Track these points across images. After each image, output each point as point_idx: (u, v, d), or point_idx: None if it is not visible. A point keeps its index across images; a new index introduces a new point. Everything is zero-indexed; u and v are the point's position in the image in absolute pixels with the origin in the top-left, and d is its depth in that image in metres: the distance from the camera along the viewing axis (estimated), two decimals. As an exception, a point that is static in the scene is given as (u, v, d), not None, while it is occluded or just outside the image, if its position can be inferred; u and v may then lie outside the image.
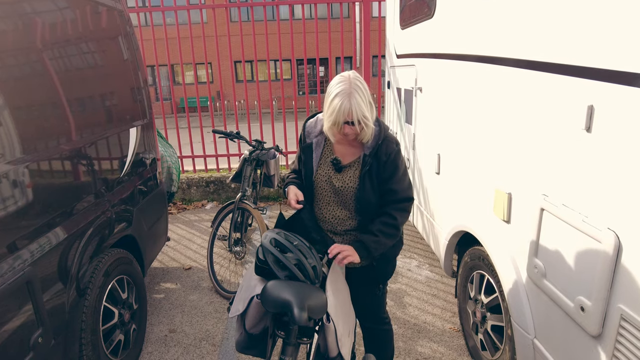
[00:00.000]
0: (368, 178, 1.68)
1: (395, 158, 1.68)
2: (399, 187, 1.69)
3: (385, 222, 1.69)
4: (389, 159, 1.66)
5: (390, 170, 1.67)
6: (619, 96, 1.21)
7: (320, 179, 1.77)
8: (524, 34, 1.69)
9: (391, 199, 1.70)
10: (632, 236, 1.20)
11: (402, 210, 1.71)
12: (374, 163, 1.67)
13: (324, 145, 1.79)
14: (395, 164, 1.67)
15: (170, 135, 5.10)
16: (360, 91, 1.57)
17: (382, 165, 1.67)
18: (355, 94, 1.55)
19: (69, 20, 2.14)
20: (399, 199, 1.70)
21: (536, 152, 1.66)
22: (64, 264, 1.87)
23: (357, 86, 1.57)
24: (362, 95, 1.57)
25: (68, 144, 2.01)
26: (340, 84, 1.58)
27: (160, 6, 5.03)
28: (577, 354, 1.46)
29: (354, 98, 1.54)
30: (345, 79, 1.59)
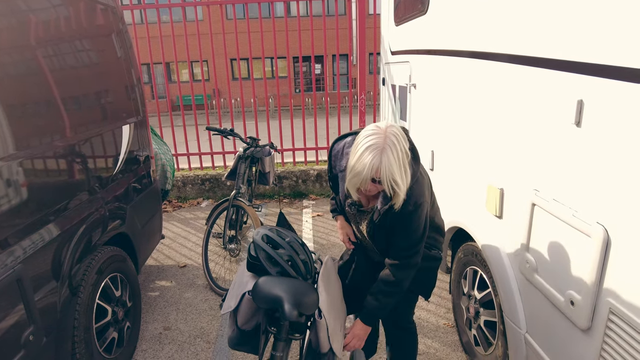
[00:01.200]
0: (378, 231, 1.63)
1: (408, 219, 1.52)
2: (404, 243, 1.58)
3: (385, 280, 1.62)
4: (400, 219, 1.53)
5: (401, 227, 1.55)
6: (608, 90, 1.22)
7: (347, 210, 1.76)
8: (514, 29, 1.69)
9: (394, 253, 1.61)
10: (620, 230, 1.20)
11: (403, 266, 1.60)
12: (383, 219, 1.57)
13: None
14: (405, 224, 1.53)
15: (166, 133, 5.08)
16: (394, 149, 1.35)
17: (391, 223, 1.56)
18: (388, 152, 1.34)
19: (62, 17, 2.13)
20: (402, 255, 1.60)
21: (527, 147, 1.66)
22: (56, 261, 1.86)
23: (392, 142, 1.35)
24: (396, 154, 1.35)
25: (60, 140, 2.00)
26: (373, 137, 1.36)
27: (155, 3, 5.01)
28: (567, 347, 1.47)
29: (386, 156, 1.33)
30: (379, 132, 1.37)
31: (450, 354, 2.44)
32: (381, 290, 1.63)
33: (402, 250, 1.59)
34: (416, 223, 1.54)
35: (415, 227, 1.54)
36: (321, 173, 5.35)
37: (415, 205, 1.50)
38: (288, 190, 5.39)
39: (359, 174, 1.37)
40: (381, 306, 1.64)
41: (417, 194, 1.51)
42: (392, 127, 1.39)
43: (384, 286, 1.63)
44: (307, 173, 5.35)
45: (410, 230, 1.54)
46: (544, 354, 1.62)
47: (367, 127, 1.42)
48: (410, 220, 1.52)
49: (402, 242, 1.58)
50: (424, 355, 2.44)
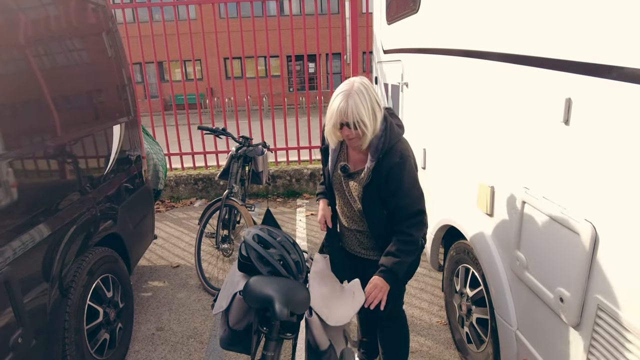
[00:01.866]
0: (369, 191, 1.67)
1: (398, 173, 1.60)
2: (406, 202, 1.63)
3: (403, 240, 1.66)
4: (390, 174, 1.60)
5: (394, 186, 1.61)
6: (595, 89, 1.23)
7: (335, 181, 1.82)
8: (503, 27, 1.70)
9: (400, 215, 1.66)
10: (607, 227, 1.21)
11: (415, 225, 1.66)
12: (374, 177, 1.63)
13: (339, 150, 1.81)
14: (398, 179, 1.60)
15: (158, 133, 5.05)
16: (361, 95, 1.52)
17: (383, 181, 1.62)
18: (354, 95, 1.51)
19: (51, 16, 2.11)
20: (409, 214, 1.65)
21: (518, 145, 1.67)
22: (46, 262, 1.85)
23: (359, 89, 1.53)
24: (363, 98, 1.52)
25: (51, 140, 1.98)
26: (344, 86, 1.56)
27: (147, 2, 4.97)
28: (557, 344, 1.48)
29: (352, 99, 1.51)
30: (349, 82, 1.56)
31: (443, 352, 2.45)
32: (400, 249, 1.66)
33: (407, 209, 1.64)
34: (409, 177, 1.62)
35: (410, 182, 1.63)
36: (315, 172, 5.34)
37: (402, 157, 1.61)
38: (282, 190, 5.38)
39: (330, 117, 1.58)
40: (402, 262, 1.66)
41: (402, 148, 1.64)
42: (362, 78, 1.59)
43: (402, 246, 1.66)
44: (300, 172, 5.34)
45: (406, 185, 1.61)
46: (535, 350, 1.63)
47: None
48: (402, 174, 1.60)
49: (404, 201, 1.63)
50: (417, 353, 2.45)
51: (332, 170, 1.83)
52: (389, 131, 1.63)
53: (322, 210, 1.96)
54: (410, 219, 1.65)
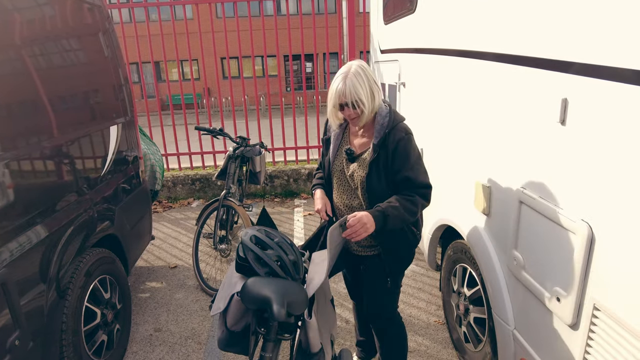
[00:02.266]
0: (375, 167, 1.68)
1: (405, 146, 1.65)
2: (412, 174, 1.66)
3: (405, 196, 1.66)
4: (397, 147, 1.65)
5: (401, 159, 1.65)
6: (591, 89, 1.23)
7: (336, 169, 1.84)
8: (500, 28, 1.70)
9: (407, 186, 1.67)
10: (603, 227, 1.22)
11: (421, 195, 1.67)
12: (382, 152, 1.67)
13: (342, 137, 1.86)
14: (405, 152, 1.65)
15: (155, 133, 5.04)
16: (358, 75, 1.61)
17: (390, 155, 1.66)
18: (352, 77, 1.60)
19: (47, 16, 2.10)
20: (416, 185, 1.67)
21: (514, 145, 1.67)
22: (43, 264, 1.84)
23: (356, 71, 1.61)
24: (361, 79, 1.60)
25: (47, 141, 1.97)
26: (342, 69, 1.65)
27: (143, 2, 4.96)
28: (553, 343, 1.49)
29: (349, 80, 1.60)
30: (347, 65, 1.65)
31: (440, 351, 2.46)
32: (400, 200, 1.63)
33: (415, 180, 1.66)
34: (415, 152, 1.68)
35: (416, 157, 1.68)
36: (312, 172, 5.34)
37: (407, 133, 1.68)
38: (279, 190, 5.38)
39: (330, 99, 1.68)
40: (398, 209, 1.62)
41: (405, 126, 1.72)
42: (359, 61, 1.68)
43: (403, 200, 1.64)
44: (298, 172, 5.34)
45: (413, 159, 1.66)
46: (532, 349, 1.63)
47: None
48: (409, 147, 1.66)
49: (411, 173, 1.65)
50: (415, 352, 2.45)
51: (333, 158, 1.85)
52: (392, 113, 1.72)
53: (320, 199, 1.89)
54: (418, 189, 1.67)
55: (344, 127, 1.87)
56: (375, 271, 1.85)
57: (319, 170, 2.02)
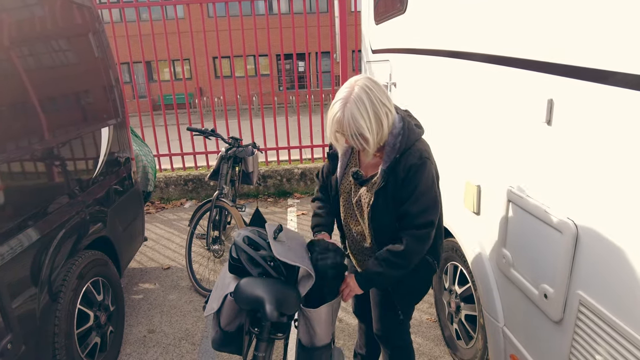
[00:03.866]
0: (382, 195, 1.48)
1: (415, 174, 1.43)
2: (414, 209, 1.45)
3: (393, 250, 1.48)
4: (408, 175, 1.43)
5: (409, 190, 1.44)
6: (576, 91, 1.26)
7: (344, 189, 1.64)
8: (487, 29, 1.73)
9: (405, 223, 1.48)
10: (588, 225, 1.25)
11: (415, 238, 1.47)
12: (391, 180, 1.46)
13: (350, 155, 1.64)
14: (414, 181, 1.43)
15: (147, 134, 5.02)
16: (360, 102, 1.34)
17: (400, 183, 1.45)
18: (352, 104, 1.34)
19: (36, 17, 2.09)
20: (415, 224, 1.47)
21: (502, 144, 1.70)
22: (35, 267, 1.84)
23: (358, 96, 1.35)
24: (362, 106, 1.34)
25: (38, 143, 1.97)
26: (343, 90, 1.39)
27: (134, 2, 4.93)
28: (541, 339, 1.52)
29: (348, 109, 1.34)
30: (350, 85, 1.39)
31: (433, 349, 2.49)
32: (386, 259, 1.49)
33: (414, 218, 1.46)
34: (425, 182, 1.44)
35: (424, 188, 1.44)
36: (305, 172, 5.36)
37: (421, 158, 1.43)
38: (272, 190, 5.39)
39: (328, 125, 1.42)
40: (382, 274, 1.50)
41: (422, 148, 1.47)
42: (362, 79, 1.40)
43: (390, 256, 1.48)
44: (291, 172, 5.35)
45: (419, 190, 1.43)
46: (520, 345, 1.67)
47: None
48: (419, 176, 1.43)
49: (413, 208, 1.44)
50: (407, 350, 2.48)
51: (340, 178, 1.64)
52: (407, 130, 1.47)
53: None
54: (415, 229, 1.47)
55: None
56: (384, 302, 1.71)
57: (321, 195, 1.78)
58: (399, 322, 1.72)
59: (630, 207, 1.09)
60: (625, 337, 1.13)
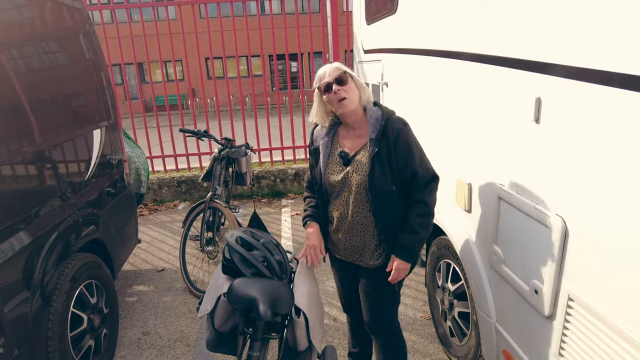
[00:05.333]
0: (378, 162, 1.59)
1: (406, 137, 1.61)
2: (421, 169, 1.62)
3: (420, 213, 1.63)
4: (399, 139, 1.59)
5: (405, 153, 1.59)
6: (563, 89, 1.28)
7: (331, 178, 1.70)
8: (476, 29, 1.74)
9: (417, 183, 1.62)
10: (576, 221, 1.27)
11: (431, 192, 1.65)
12: (383, 145, 1.59)
13: (331, 145, 1.74)
14: (408, 144, 1.60)
15: (140, 135, 4.99)
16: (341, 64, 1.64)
17: (392, 147, 1.59)
18: (333, 64, 1.64)
19: (26, 19, 2.08)
20: (426, 180, 1.63)
21: (492, 143, 1.72)
22: (27, 270, 1.83)
23: (337, 63, 1.65)
24: (342, 66, 1.64)
25: (29, 146, 1.96)
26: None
27: (125, 3, 4.91)
28: (532, 334, 1.54)
29: (328, 66, 1.63)
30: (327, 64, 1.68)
31: (427, 346, 2.51)
32: (419, 224, 1.63)
33: (424, 176, 1.63)
34: (415, 142, 1.64)
35: (418, 148, 1.65)
36: (299, 172, 5.36)
37: (404, 124, 1.64)
38: (266, 190, 5.39)
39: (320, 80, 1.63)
40: (420, 238, 1.64)
41: (400, 118, 1.68)
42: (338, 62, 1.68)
43: (421, 220, 1.63)
44: (285, 172, 5.35)
45: (416, 150, 1.63)
46: (512, 341, 1.69)
47: None
48: (410, 138, 1.63)
49: (419, 167, 1.62)
50: (401, 347, 2.49)
51: (324, 168, 1.72)
52: (383, 107, 1.69)
53: (315, 234, 1.75)
54: (428, 185, 1.64)
55: (332, 135, 1.73)
56: (378, 282, 1.75)
57: (309, 193, 1.87)
58: (390, 303, 1.82)
59: (618, 203, 1.11)
60: (614, 330, 1.15)
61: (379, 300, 1.80)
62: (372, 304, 1.81)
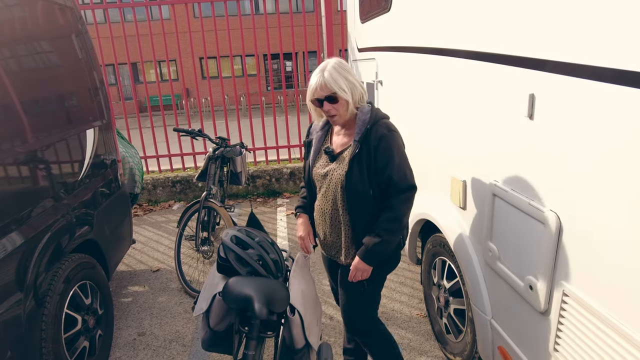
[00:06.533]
0: (357, 164, 1.61)
1: (388, 143, 1.60)
2: (396, 175, 1.61)
3: (388, 218, 1.62)
4: (380, 144, 1.59)
5: (384, 158, 1.59)
6: (556, 85, 1.28)
7: (316, 171, 1.76)
8: (470, 26, 1.75)
9: (391, 189, 1.63)
10: (570, 217, 1.27)
11: (403, 201, 1.64)
12: (364, 148, 1.61)
13: (324, 139, 1.80)
14: (388, 150, 1.59)
15: (134, 136, 4.96)
16: (336, 67, 1.59)
17: (372, 151, 1.59)
18: (330, 70, 1.58)
19: (17, 18, 2.05)
20: (401, 188, 1.62)
21: (486, 139, 1.73)
22: (20, 272, 1.81)
23: (334, 66, 1.60)
24: (339, 70, 1.59)
25: (21, 146, 1.94)
26: (320, 65, 1.63)
27: (117, 2, 4.87)
28: (527, 330, 1.55)
29: (328, 72, 1.58)
30: (325, 62, 1.63)
31: (423, 343, 2.51)
32: (384, 229, 1.62)
33: (399, 183, 1.61)
34: (398, 150, 1.62)
35: (400, 155, 1.63)
36: (294, 171, 5.35)
37: (389, 130, 1.63)
38: (262, 189, 5.38)
39: (310, 92, 1.63)
40: (383, 243, 1.62)
41: (389, 123, 1.68)
42: (337, 58, 1.65)
43: (386, 224, 1.62)
44: (280, 171, 5.34)
45: (396, 157, 1.61)
46: (508, 337, 1.69)
47: None
48: (392, 145, 1.61)
49: (395, 175, 1.60)
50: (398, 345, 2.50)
51: (313, 161, 1.79)
52: (375, 110, 1.67)
53: (303, 225, 1.85)
54: (401, 192, 1.63)
55: (327, 129, 1.81)
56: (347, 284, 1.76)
57: (303, 186, 1.92)
58: (363, 300, 1.80)
59: (612, 199, 1.12)
60: (608, 325, 1.15)
61: (352, 298, 1.81)
62: (346, 301, 1.83)
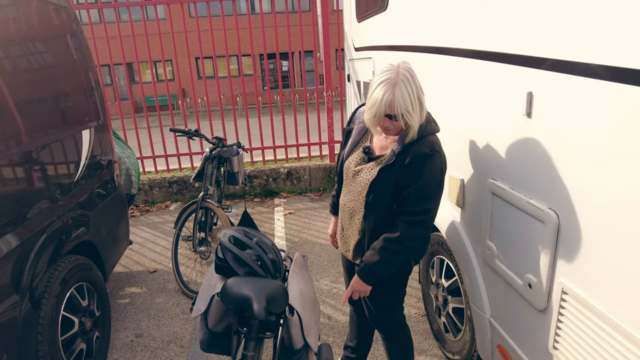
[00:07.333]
0: (386, 173, 1.53)
1: (422, 163, 1.47)
2: (415, 195, 1.49)
3: (388, 237, 1.54)
4: (416, 162, 1.48)
5: (414, 176, 1.48)
6: (554, 83, 1.28)
7: (349, 165, 1.69)
8: (467, 24, 1.75)
9: (403, 207, 1.53)
10: (568, 214, 1.27)
11: (409, 223, 1.52)
12: (399, 160, 1.51)
13: (364, 133, 1.72)
14: (420, 169, 1.47)
15: (130, 136, 4.94)
16: (407, 83, 1.42)
17: (405, 166, 1.49)
18: (401, 85, 1.41)
19: (11, 18, 2.04)
20: (411, 210, 1.51)
21: (484, 138, 1.73)
22: (15, 274, 1.79)
23: (405, 77, 1.43)
24: (410, 87, 1.42)
25: (16, 147, 1.92)
26: (387, 73, 1.44)
27: (112, 2, 4.85)
28: (526, 328, 1.55)
29: (399, 89, 1.41)
30: (393, 68, 1.45)
31: (422, 342, 2.51)
32: (383, 247, 1.54)
33: (412, 204, 1.50)
34: (430, 172, 1.48)
35: (429, 177, 1.48)
36: (291, 171, 5.35)
37: (432, 150, 1.49)
38: (259, 189, 5.37)
39: (372, 106, 1.45)
40: (381, 263, 1.55)
41: (435, 141, 1.55)
42: (405, 64, 1.48)
43: (386, 243, 1.54)
44: (277, 171, 5.33)
45: (424, 178, 1.48)
46: (507, 335, 1.69)
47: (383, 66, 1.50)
48: (426, 166, 1.48)
49: (415, 194, 1.49)
50: (396, 344, 2.50)
51: (347, 154, 1.71)
52: (425, 122, 1.54)
53: (331, 227, 2.03)
54: (411, 215, 1.52)
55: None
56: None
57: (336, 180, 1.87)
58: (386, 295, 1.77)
59: (610, 197, 1.12)
60: (607, 322, 1.15)
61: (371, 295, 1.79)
62: (367, 298, 1.84)
